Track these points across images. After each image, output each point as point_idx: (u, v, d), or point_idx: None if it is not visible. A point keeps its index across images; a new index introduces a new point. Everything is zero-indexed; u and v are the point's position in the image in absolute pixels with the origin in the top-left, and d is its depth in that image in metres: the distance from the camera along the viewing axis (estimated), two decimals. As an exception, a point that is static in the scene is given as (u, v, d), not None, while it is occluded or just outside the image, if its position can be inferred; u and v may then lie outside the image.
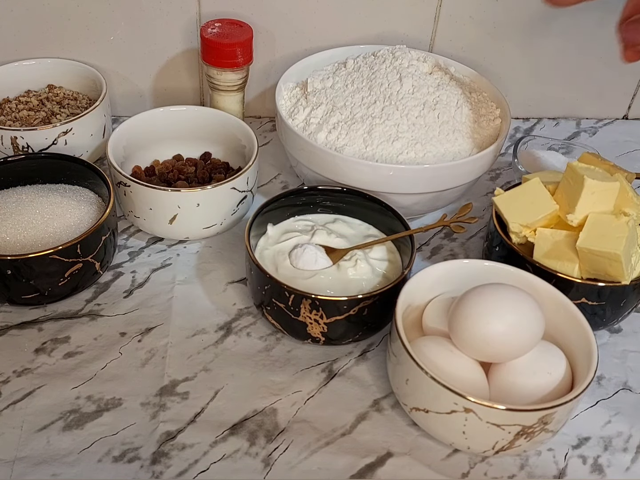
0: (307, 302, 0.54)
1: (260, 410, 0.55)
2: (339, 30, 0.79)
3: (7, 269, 0.55)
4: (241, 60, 0.72)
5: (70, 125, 0.70)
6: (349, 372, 0.58)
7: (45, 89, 0.78)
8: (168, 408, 0.54)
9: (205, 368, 0.58)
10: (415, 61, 0.71)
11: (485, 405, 0.46)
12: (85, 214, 0.62)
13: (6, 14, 0.76)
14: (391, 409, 0.56)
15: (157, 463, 0.51)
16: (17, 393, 0.55)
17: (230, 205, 0.66)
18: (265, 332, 0.61)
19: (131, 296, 0.63)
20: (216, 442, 0.53)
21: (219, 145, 0.74)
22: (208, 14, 0.77)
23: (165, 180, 0.70)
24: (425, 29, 0.81)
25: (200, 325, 0.61)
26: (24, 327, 0.60)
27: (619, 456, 0.54)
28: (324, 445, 0.53)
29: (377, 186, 0.64)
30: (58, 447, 0.51)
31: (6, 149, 0.70)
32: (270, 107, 0.86)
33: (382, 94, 0.68)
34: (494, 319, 0.50)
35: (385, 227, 0.65)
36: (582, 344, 0.52)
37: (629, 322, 0.64)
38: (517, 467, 0.53)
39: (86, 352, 0.58)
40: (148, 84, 0.83)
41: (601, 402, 0.58)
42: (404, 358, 0.50)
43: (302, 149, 0.67)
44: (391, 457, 0.53)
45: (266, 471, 0.51)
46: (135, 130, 0.70)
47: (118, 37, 0.78)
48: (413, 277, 0.56)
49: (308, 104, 0.69)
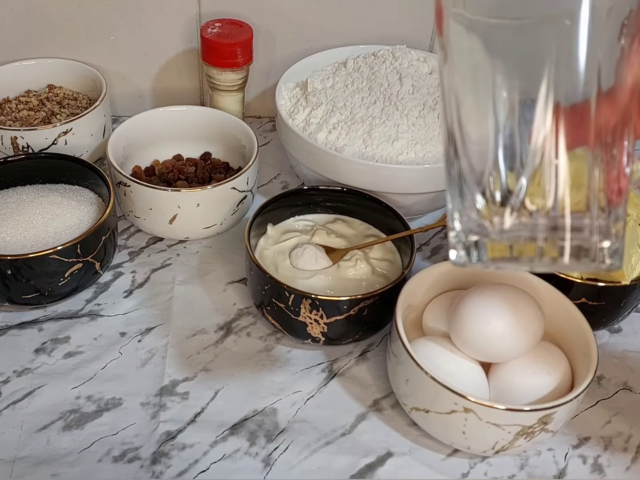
0: (307, 302, 0.54)
1: (260, 410, 0.55)
2: (339, 30, 0.79)
3: (7, 269, 0.55)
4: (241, 60, 0.72)
5: (70, 125, 0.70)
6: (349, 372, 0.58)
7: (45, 89, 0.78)
8: (168, 408, 0.54)
9: (205, 368, 0.58)
10: (415, 61, 0.71)
11: (485, 405, 0.46)
12: (85, 214, 0.62)
13: (6, 14, 0.76)
14: (391, 409, 0.56)
15: (157, 463, 0.51)
16: (17, 393, 0.55)
17: (230, 205, 0.66)
18: (265, 332, 0.61)
19: (131, 296, 0.63)
20: (216, 442, 0.53)
21: (219, 145, 0.74)
22: (208, 14, 0.77)
23: (165, 180, 0.70)
24: (425, 29, 0.81)
25: (200, 325, 0.61)
26: (24, 327, 0.60)
27: (619, 456, 0.54)
28: (324, 445, 0.53)
29: (377, 186, 0.64)
30: (58, 447, 0.51)
31: (6, 149, 0.70)
32: (270, 107, 0.86)
33: (382, 94, 0.68)
34: (494, 319, 0.50)
35: (385, 227, 0.65)
36: (582, 344, 0.52)
37: (629, 322, 0.64)
38: (517, 467, 0.53)
39: (86, 352, 0.58)
40: (148, 84, 0.83)
41: (601, 402, 0.58)
42: (404, 358, 0.50)
43: (302, 149, 0.67)
44: (391, 457, 0.53)
45: (266, 471, 0.51)
46: (135, 130, 0.70)
47: (118, 37, 0.78)
48: (413, 277, 0.56)
49: (308, 104, 0.69)
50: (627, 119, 0.31)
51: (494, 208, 0.32)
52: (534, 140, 0.31)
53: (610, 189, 0.32)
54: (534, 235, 0.31)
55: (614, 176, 0.32)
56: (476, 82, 0.32)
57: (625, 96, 0.31)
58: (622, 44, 0.30)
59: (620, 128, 0.31)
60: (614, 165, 0.31)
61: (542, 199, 0.31)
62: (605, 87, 0.30)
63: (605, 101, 0.30)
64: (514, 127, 0.31)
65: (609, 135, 0.31)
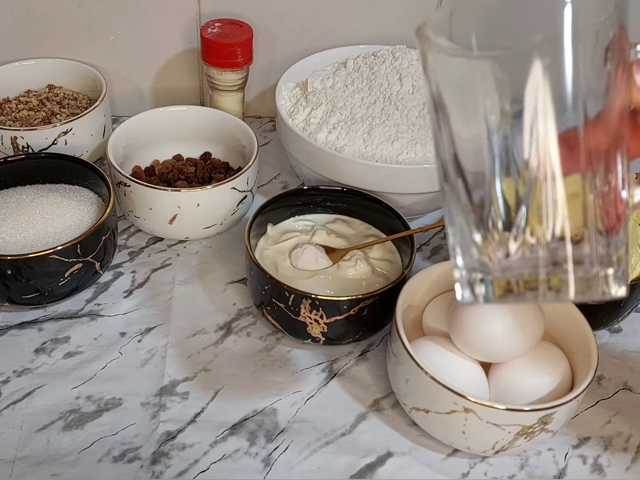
0: (307, 302, 0.54)
1: (260, 410, 0.55)
2: (338, 30, 0.79)
3: (7, 269, 0.55)
4: (241, 60, 0.72)
5: (70, 125, 0.70)
6: (349, 372, 0.58)
7: (45, 89, 0.78)
8: (168, 408, 0.54)
9: (205, 368, 0.58)
10: (415, 61, 0.71)
11: (485, 405, 0.46)
12: (85, 214, 0.62)
13: (6, 14, 0.76)
14: (391, 409, 0.56)
15: (157, 463, 0.51)
16: (17, 393, 0.55)
17: (230, 205, 0.66)
18: (265, 332, 0.61)
19: (131, 296, 0.63)
20: (216, 442, 0.53)
21: (219, 145, 0.74)
22: (208, 14, 0.77)
23: (165, 180, 0.70)
24: (425, 29, 0.81)
25: (200, 325, 0.61)
26: (24, 327, 0.60)
27: (619, 456, 0.54)
28: (324, 445, 0.53)
29: (377, 186, 0.64)
30: (58, 447, 0.51)
31: (6, 149, 0.70)
32: (270, 107, 0.86)
33: (382, 94, 0.68)
34: (494, 319, 0.50)
35: (385, 227, 0.65)
36: (582, 344, 0.52)
37: (629, 322, 0.64)
38: (517, 467, 0.53)
39: (86, 352, 0.58)
40: (148, 84, 0.83)
41: (601, 402, 0.58)
42: (404, 358, 0.50)
43: (302, 149, 0.67)
44: (391, 457, 0.53)
45: (266, 471, 0.51)
46: (135, 130, 0.70)
47: (118, 37, 0.78)
48: (413, 277, 0.56)
49: (308, 104, 0.69)
50: (618, 141, 0.31)
51: (494, 244, 0.32)
52: (530, 169, 0.30)
53: (607, 215, 0.31)
54: (536, 271, 0.31)
55: (610, 201, 0.31)
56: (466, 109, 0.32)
57: (614, 120, 0.31)
58: (608, 69, 0.30)
59: (612, 151, 0.31)
60: (609, 190, 0.31)
61: (541, 229, 0.31)
62: (592, 113, 0.30)
63: (594, 126, 0.30)
64: (509, 158, 0.31)
65: (602, 159, 0.31)
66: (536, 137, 0.30)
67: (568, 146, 0.30)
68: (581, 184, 0.30)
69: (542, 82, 0.29)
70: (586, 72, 0.29)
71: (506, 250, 0.32)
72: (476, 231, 0.33)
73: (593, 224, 0.31)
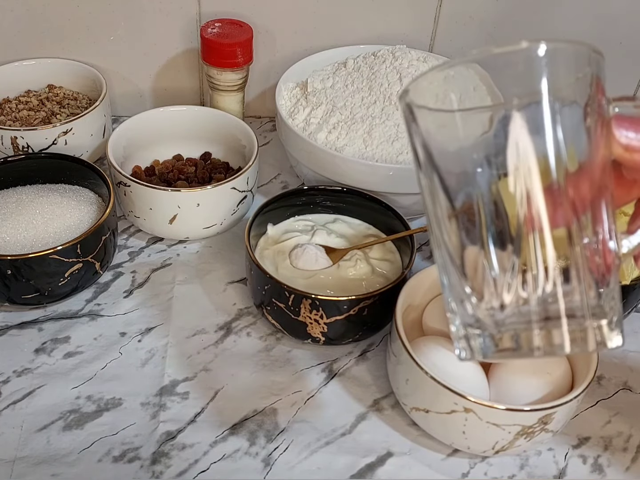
0: (307, 302, 0.54)
1: (260, 410, 0.55)
2: (339, 30, 0.79)
3: (7, 269, 0.55)
4: (241, 60, 0.72)
5: (70, 125, 0.70)
6: (349, 372, 0.58)
7: (45, 89, 0.78)
8: (168, 408, 0.54)
9: (205, 368, 0.58)
10: (415, 61, 0.71)
11: (485, 405, 0.46)
12: (85, 214, 0.62)
13: (6, 14, 0.76)
14: (391, 409, 0.56)
15: (157, 463, 0.51)
16: (17, 393, 0.55)
17: (230, 205, 0.66)
18: (265, 332, 0.61)
19: (131, 296, 0.63)
20: (216, 442, 0.53)
21: (219, 145, 0.74)
22: (208, 14, 0.77)
23: (165, 180, 0.70)
24: (425, 29, 0.81)
25: (200, 325, 0.61)
26: (24, 327, 0.60)
27: (618, 456, 0.54)
28: (324, 445, 0.53)
29: (377, 186, 0.64)
30: (58, 447, 0.51)
31: (6, 149, 0.70)
32: (270, 107, 0.86)
33: (382, 94, 0.68)
34: (494, 319, 0.50)
35: (385, 227, 0.65)
36: (582, 344, 0.52)
37: (629, 322, 0.64)
38: (517, 467, 0.53)
39: (86, 352, 0.58)
40: (148, 84, 0.83)
41: (601, 402, 0.58)
42: (404, 358, 0.50)
43: (302, 149, 0.67)
44: (391, 457, 0.53)
45: (266, 471, 0.51)
46: (135, 130, 0.70)
47: (118, 37, 0.78)
48: (413, 277, 0.56)
49: (308, 104, 0.69)
50: (603, 191, 0.31)
51: (487, 297, 0.32)
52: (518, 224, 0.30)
53: (595, 267, 0.31)
54: (530, 327, 0.31)
55: (599, 252, 0.31)
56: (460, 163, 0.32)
57: (597, 172, 0.31)
58: (587, 124, 0.30)
59: (597, 202, 0.31)
60: (596, 241, 0.31)
61: (532, 284, 0.31)
62: (573, 167, 0.30)
63: (577, 178, 0.30)
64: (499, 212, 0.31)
65: (588, 210, 0.31)
66: (521, 193, 0.30)
67: (553, 200, 0.30)
68: (566, 237, 0.30)
69: (523, 139, 0.30)
70: (565, 129, 0.30)
71: (500, 302, 0.32)
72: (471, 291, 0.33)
73: (582, 277, 0.31)
